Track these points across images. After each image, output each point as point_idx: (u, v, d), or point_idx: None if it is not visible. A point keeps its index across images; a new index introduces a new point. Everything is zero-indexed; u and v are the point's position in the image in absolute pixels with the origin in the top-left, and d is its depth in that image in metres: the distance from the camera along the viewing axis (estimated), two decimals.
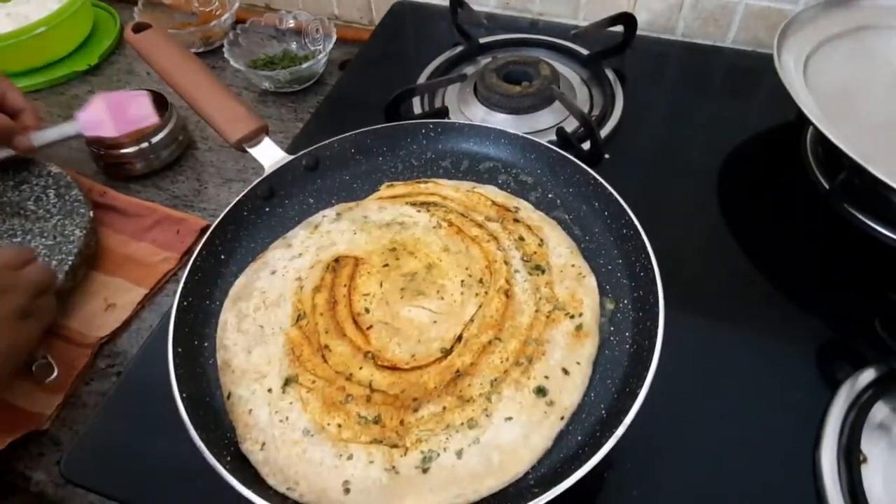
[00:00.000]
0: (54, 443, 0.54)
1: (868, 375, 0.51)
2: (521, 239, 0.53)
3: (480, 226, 0.54)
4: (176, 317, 0.47)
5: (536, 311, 0.48)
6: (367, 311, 0.49)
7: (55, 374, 0.55)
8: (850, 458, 0.46)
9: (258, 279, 0.52)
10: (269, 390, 0.45)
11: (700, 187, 0.67)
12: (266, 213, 0.58)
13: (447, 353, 0.46)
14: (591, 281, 0.50)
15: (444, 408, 0.43)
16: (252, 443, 0.43)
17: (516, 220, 0.55)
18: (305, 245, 0.54)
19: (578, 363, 0.46)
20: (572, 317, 0.48)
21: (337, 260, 0.52)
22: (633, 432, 0.39)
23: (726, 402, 0.51)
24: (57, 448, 0.53)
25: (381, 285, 0.50)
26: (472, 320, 0.48)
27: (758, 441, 0.48)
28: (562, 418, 0.43)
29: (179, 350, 0.46)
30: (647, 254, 0.48)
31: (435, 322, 0.48)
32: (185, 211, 0.72)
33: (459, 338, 0.47)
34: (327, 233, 0.55)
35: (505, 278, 0.50)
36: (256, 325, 0.49)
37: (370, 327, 0.48)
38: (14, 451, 0.52)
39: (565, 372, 0.45)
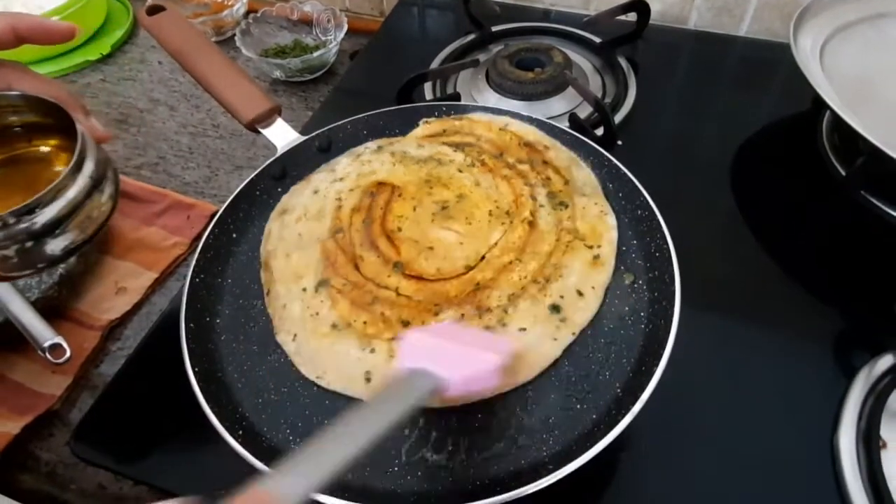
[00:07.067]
0: (63, 423, 0.54)
1: (886, 362, 0.50)
2: (549, 179, 0.55)
3: (511, 166, 0.56)
4: (188, 292, 0.47)
5: (557, 240, 0.50)
6: (400, 230, 0.51)
7: (68, 354, 0.55)
8: (870, 444, 0.45)
9: (302, 196, 0.56)
10: (304, 289, 0.49)
11: (714, 175, 0.67)
12: (278, 192, 0.57)
13: (470, 269, 0.48)
14: (612, 219, 0.52)
15: (463, 315, 0.46)
16: (286, 334, 0.47)
17: (545, 162, 0.57)
18: (347, 171, 0.57)
19: (593, 287, 0.48)
20: (591, 247, 0.50)
21: (376, 186, 0.55)
22: (649, 415, 0.39)
23: (743, 388, 0.50)
24: (67, 429, 0.53)
25: (414, 209, 0.52)
26: (495, 244, 0.50)
27: (775, 426, 0.48)
28: (573, 333, 0.46)
29: (191, 326, 0.46)
30: (663, 233, 0.47)
31: (461, 243, 0.50)
32: (195, 197, 0.72)
33: (483, 258, 0.49)
34: (368, 162, 0.57)
35: (530, 211, 0.52)
36: (296, 233, 0.53)
37: (401, 243, 0.50)
38: (24, 431, 0.52)
39: (579, 293, 0.47)
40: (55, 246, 0.40)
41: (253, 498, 0.26)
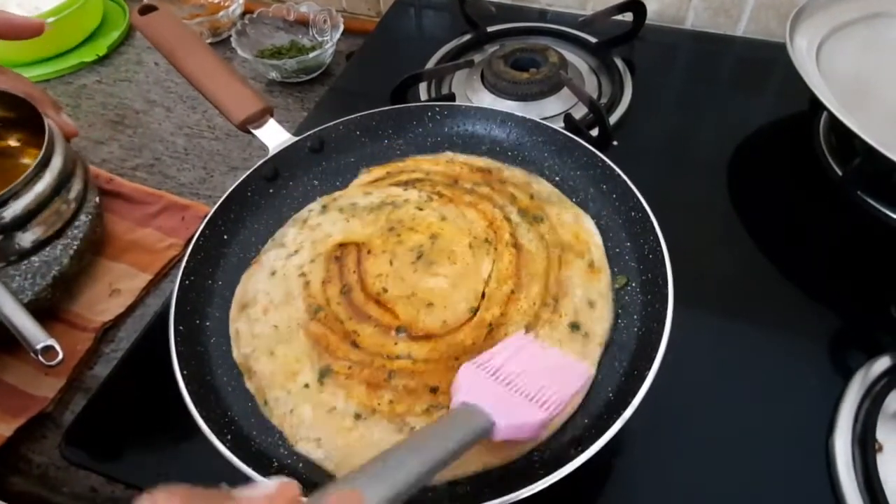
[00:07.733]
0: (56, 426, 0.54)
1: (883, 363, 0.49)
2: (513, 196, 0.54)
3: (471, 191, 0.54)
4: (178, 295, 0.47)
5: (547, 256, 0.49)
6: (385, 290, 0.48)
7: (60, 356, 0.54)
8: (865, 447, 0.45)
9: (258, 282, 0.51)
10: (306, 386, 0.44)
11: (710, 176, 0.66)
12: (270, 194, 0.57)
13: (475, 310, 0.47)
14: (588, 221, 0.52)
15: None
16: (306, 442, 0.42)
17: (502, 181, 0.55)
18: (299, 241, 0.53)
19: (601, 294, 0.47)
20: (582, 255, 0.49)
21: (338, 249, 0.52)
22: (643, 419, 0.38)
23: (738, 391, 0.49)
24: (59, 431, 0.53)
25: (391, 263, 0.50)
26: (489, 277, 0.48)
27: (770, 428, 0.47)
28: (600, 345, 0.45)
29: (181, 328, 0.46)
30: (656, 234, 0.47)
31: (455, 287, 0.48)
32: (190, 199, 0.71)
33: (483, 295, 0.47)
34: (318, 225, 0.54)
35: (509, 232, 0.50)
36: (270, 326, 0.48)
37: (394, 305, 0.47)
38: (16, 433, 0.52)
39: (591, 305, 0.47)
40: (24, 240, 0.40)
41: (346, 497, 0.27)
